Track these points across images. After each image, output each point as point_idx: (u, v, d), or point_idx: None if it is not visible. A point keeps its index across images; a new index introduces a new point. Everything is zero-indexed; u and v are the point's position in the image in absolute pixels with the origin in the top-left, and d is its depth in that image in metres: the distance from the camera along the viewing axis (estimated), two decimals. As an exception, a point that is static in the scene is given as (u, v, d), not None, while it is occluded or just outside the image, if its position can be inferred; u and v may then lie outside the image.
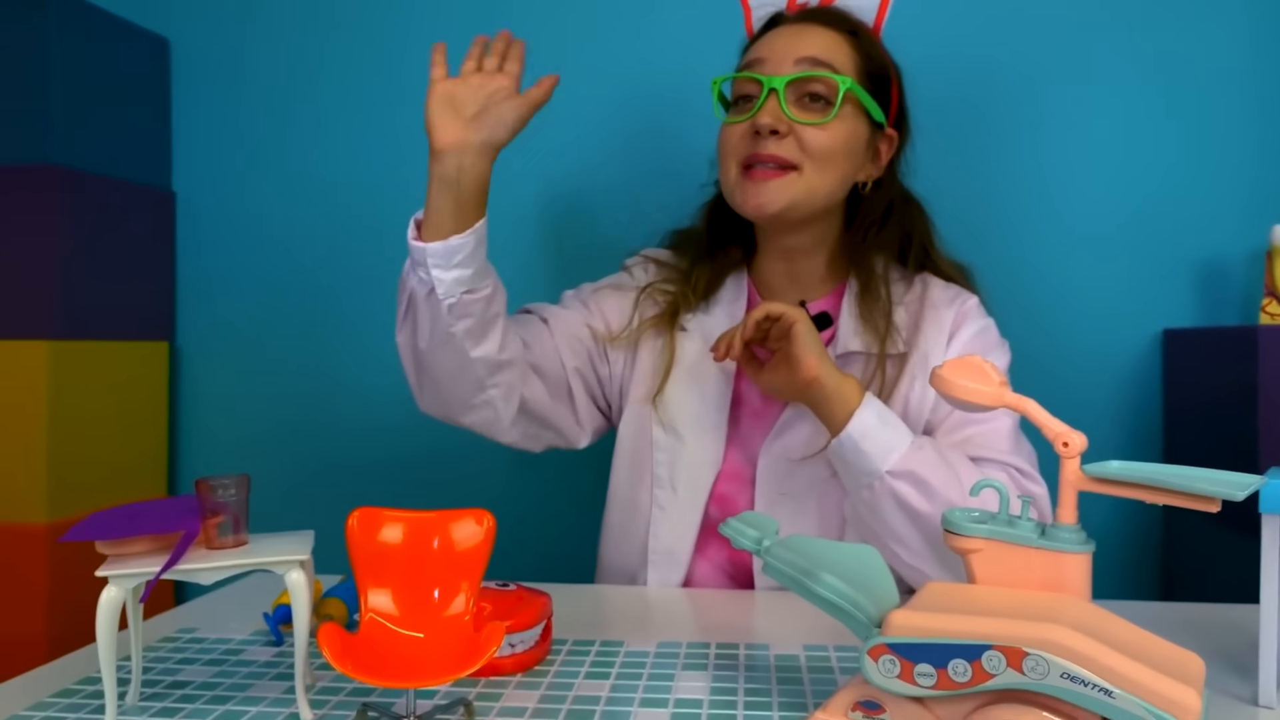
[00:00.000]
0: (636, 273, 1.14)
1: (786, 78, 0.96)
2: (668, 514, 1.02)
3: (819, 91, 0.97)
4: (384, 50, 1.78)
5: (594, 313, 1.10)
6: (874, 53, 1.03)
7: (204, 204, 1.83)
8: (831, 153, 0.98)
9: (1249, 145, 1.59)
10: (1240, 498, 0.54)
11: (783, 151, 0.96)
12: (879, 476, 0.87)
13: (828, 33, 1.00)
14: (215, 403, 1.84)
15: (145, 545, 0.61)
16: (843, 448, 0.88)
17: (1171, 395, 1.56)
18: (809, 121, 0.96)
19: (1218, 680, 0.69)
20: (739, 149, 0.99)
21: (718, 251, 1.10)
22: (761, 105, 0.96)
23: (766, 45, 1.00)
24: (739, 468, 1.02)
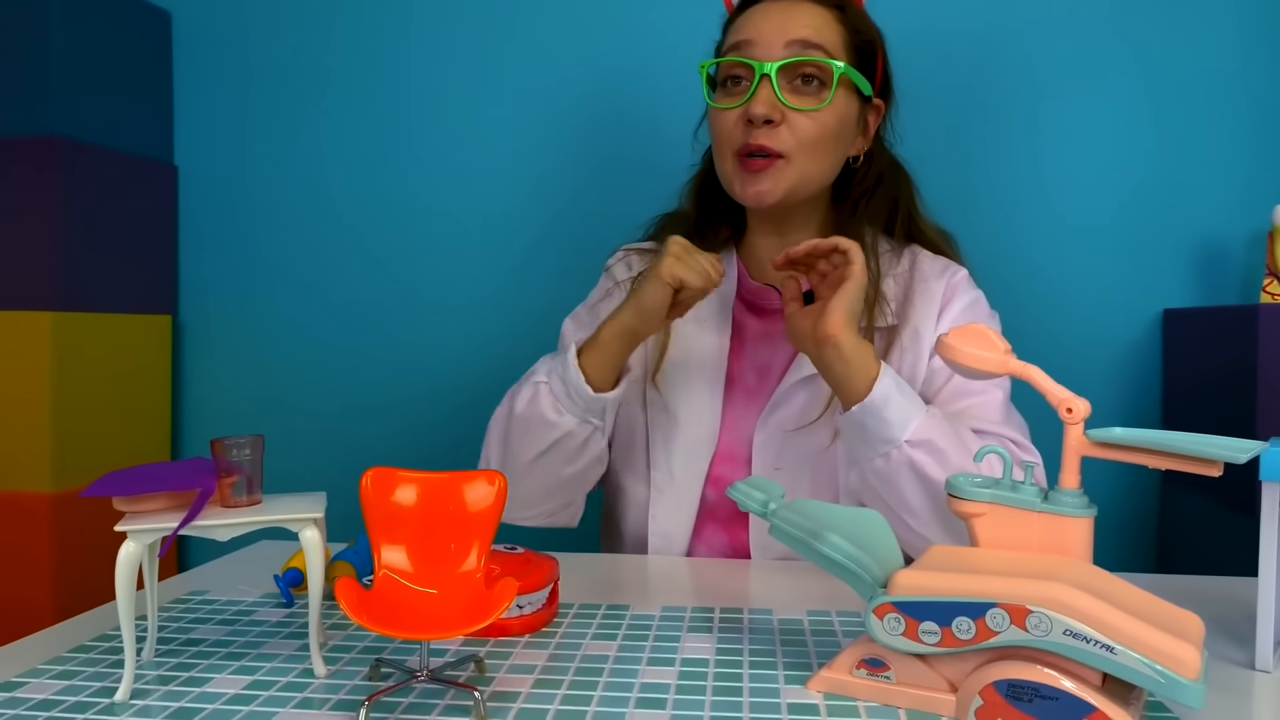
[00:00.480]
0: (618, 270, 1.12)
1: (779, 62, 0.94)
2: (665, 497, 1.03)
3: (811, 73, 0.96)
4: (387, 25, 1.78)
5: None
6: (860, 25, 1.01)
7: (206, 177, 1.84)
8: (824, 139, 0.97)
9: (1249, 126, 1.59)
10: (1242, 460, 0.55)
11: (775, 142, 0.95)
12: (897, 445, 0.86)
13: (815, 9, 0.98)
14: (218, 375, 1.84)
15: (162, 502, 0.62)
16: (864, 414, 0.86)
17: (1171, 374, 1.58)
18: (804, 109, 0.95)
19: (1215, 647, 0.71)
20: (733, 137, 0.97)
21: (706, 230, 1.09)
22: (754, 92, 0.95)
23: (753, 25, 0.98)
24: (734, 447, 1.03)
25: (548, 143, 1.74)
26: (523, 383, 0.98)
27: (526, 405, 0.95)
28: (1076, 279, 1.61)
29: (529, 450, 0.95)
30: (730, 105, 0.97)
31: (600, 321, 0.95)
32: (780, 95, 0.95)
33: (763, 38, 0.96)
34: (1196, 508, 1.46)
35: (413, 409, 1.79)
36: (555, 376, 0.94)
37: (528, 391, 0.95)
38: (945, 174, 1.59)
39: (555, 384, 0.94)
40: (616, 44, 1.69)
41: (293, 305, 1.82)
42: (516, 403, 0.96)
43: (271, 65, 1.81)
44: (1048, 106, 1.62)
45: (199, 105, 1.83)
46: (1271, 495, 0.66)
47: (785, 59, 0.95)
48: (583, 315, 1.11)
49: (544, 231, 1.73)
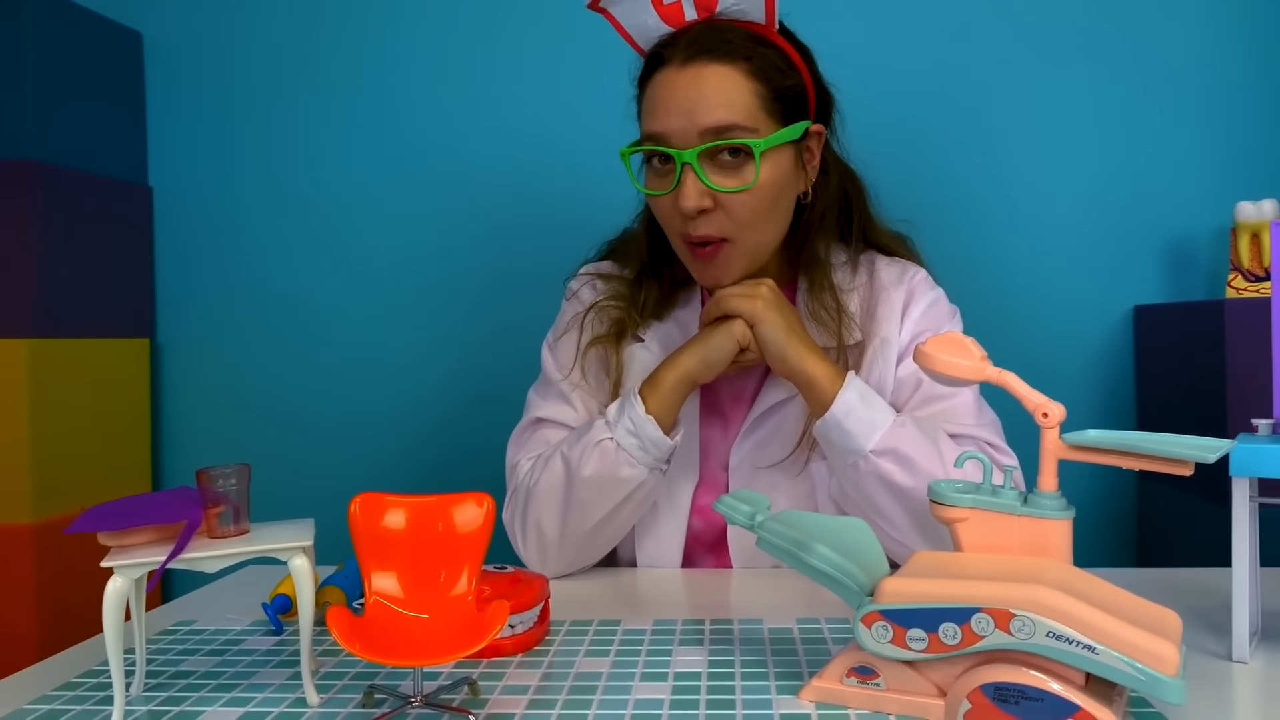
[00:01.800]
0: (584, 294, 1.09)
1: (696, 150, 0.90)
2: (650, 529, 1.02)
3: (735, 148, 0.91)
4: (363, 39, 1.78)
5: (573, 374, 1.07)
6: (776, 68, 0.93)
7: (181, 198, 1.83)
8: (762, 213, 0.94)
9: (1214, 125, 1.63)
10: (1211, 460, 0.56)
11: (715, 229, 0.93)
12: (863, 455, 0.88)
13: (723, 72, 0.91)
14: (198, 399, 1.83)
15: (148, 536, 0.62)
16: (827, 427, 0.90)
17: (1144, 368, 1.60)
18: (732, 189, 0.91)
19: (1194, 639, 0.72)
20: (675, 224, 0.95)
21: (664, 269, 1.06)
22: (679, 183, 0.91)
23: (664, 112, 0.92)
24: (715, 475, 1.03)
25: (531, 154, 1.74)
26: (575, 443, 0.95)
27: (596, 466, 0.92)
28: (1048, 279, 1.64)
29: (599, 510, 0.94)
30: (661, 192, 0.94)
31: (655, 375, 0.95)
32: (706, 179, 0.90)
33: (675, 128, 0.91)
34: (1174, 502, 1.48)
35: (400, 429, 1.78)
36: (624, 431, 0.92)
37: (593, 454, 0.92)
38: (913, 177, 1.62)
39: (625, 438, 0.92)
40: (595, 44, 1.70)
41: (274, 325, 1.81)
42: (583, 467, 0.93)
43: (244, 83, 1.80)
44: (1016, 108, 1.65)
45: (172, 125, 1.82)
46: (1242, 490, 0.67)
47: (702, 145, 0.90)
48: (558, 347, 1.08)
49: (532, 244, 1.74)
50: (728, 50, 0.92)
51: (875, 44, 1.64)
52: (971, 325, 1.03)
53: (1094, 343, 1.64)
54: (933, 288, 1.04)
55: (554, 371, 1.06)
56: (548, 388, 1.06)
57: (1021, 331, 1.62)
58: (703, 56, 0.91)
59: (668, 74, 0.93)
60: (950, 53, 1.65)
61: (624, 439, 0.92)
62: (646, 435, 0.91)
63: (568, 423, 1.03)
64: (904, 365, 0.99)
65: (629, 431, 0.92)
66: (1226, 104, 1.62)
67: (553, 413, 1.04)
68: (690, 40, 0.92)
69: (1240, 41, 1.61)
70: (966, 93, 1.65)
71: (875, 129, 1.18)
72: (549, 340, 1.10)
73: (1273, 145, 1.61)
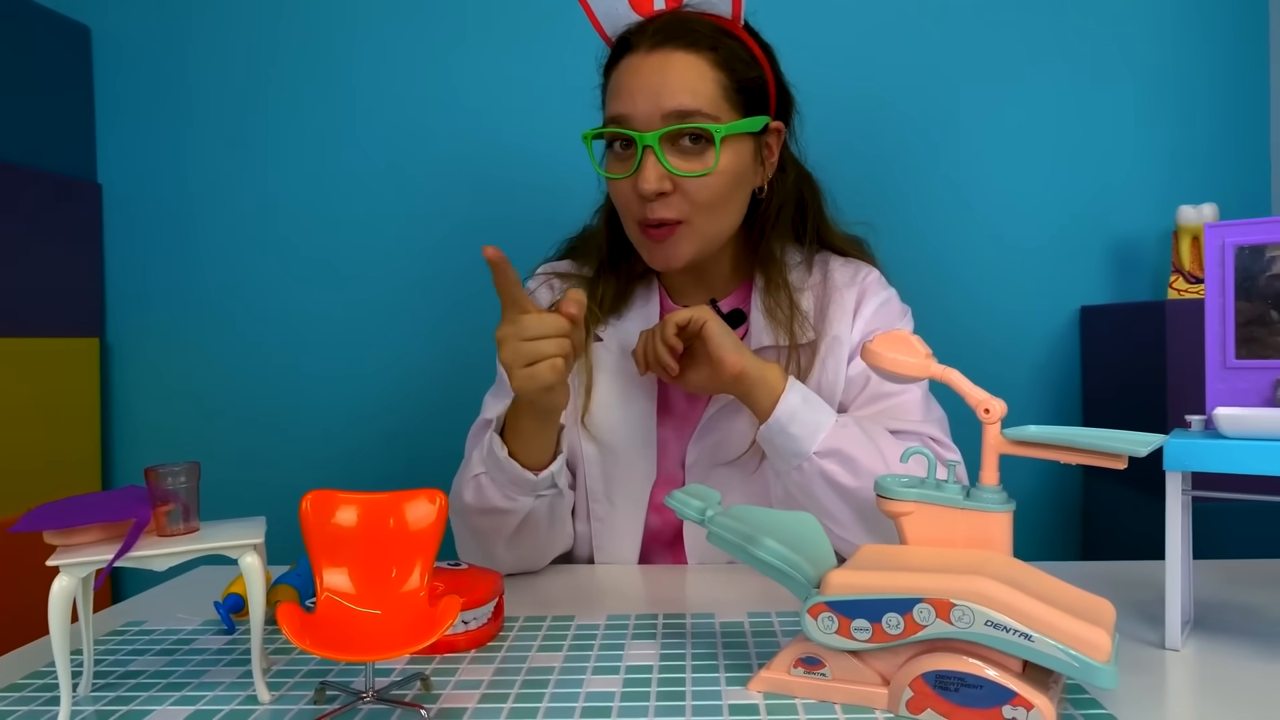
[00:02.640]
0: (541, 295, 1.09)
1: (659, 132, 0.92)
2: (608, 526, 1.03)
3: (696, 134, 0.93)
4: (321, 37, 1.76)
5: None
6: (740, 60, 0.96)
7: (131, 195, 1.80)
8: (720, 197, 0.95)
9: (1158, 132, 1.67)
10: (1143, 453, 0.58)
11: (672, 211, 0.94)
12: (807, 457, 0.90)
13: (688, 60, 0.93)
14: (149, 399, 1.81)
15: (95, 534, 0.62)
16: (770, 432, 0.91)
17: (1090, 367, 1.64)
18: (692, 174, 0.93)
19: (1131, 629, 0.75)
20: (632, 208, 0.96)
21: (621, 261, 1.07)
22: (639, 166, 0.92)
23: (628, 95, 0.93)
24: (672, 472, 1.04)
25: (496, 152, 1.74)
26: (463, 472, 0.95)
27: (476, 498, 0.92)
28: (999, 281, 1.68)
29: (500, 535, 0.94)
30: (620, 175, 0.95)
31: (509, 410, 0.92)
32: (666, 163, 0.92)
33: (639, 110, 0.92)
34: (1116, 498, 1.52)
35: (353, 430, 1.77)
36: (492, 467, 0.90)
37: (470, 486, 0.93)
38: (864, 179, 1.65)
39: (495, 474, 0.90)
40: (560, 41, 1.70)
41: (226, 325, 1.79)
42: (465, 496, 0.93)
43: (194, 78, 1.78)
44: (968, 115, 1.68)
45: (122, 121, 1.79)
46: (1175, 484, 0.70)
47: (664, 129, 0.92)
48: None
49: (494, 242, 1.73)
50: (694, 39, 0.94)
51: (831, 47, 1.67)
52: (923, 325, 1.05)
53: (1042, 342, 1.68)
54: (885, 288, 1.06)
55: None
56: (502, 388, 1.06)
57: (972, 332, 1.66)
58: (669, 44, 0.94)
59: (634, 59, 0.95)
60: (905, 60, 1.68)
61: (495, 474, 0.90)
62: (510, 473, 0.89)
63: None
64: (855, 363, 1.01)
65: (497, 468, 0.90)
66: (1170, 111, 1.67)
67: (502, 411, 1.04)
68: (658, 28, 0.95)
69: (1186, 50, 1.66)
70: (920, 99, 1.68)
71: (832, 131, 1.20)
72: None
73: (1214, 151, 1.66)
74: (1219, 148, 1.66)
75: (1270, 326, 0.72)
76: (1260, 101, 1.66)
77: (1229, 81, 1.66)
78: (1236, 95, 1.66)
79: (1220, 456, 0.67)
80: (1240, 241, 0.72)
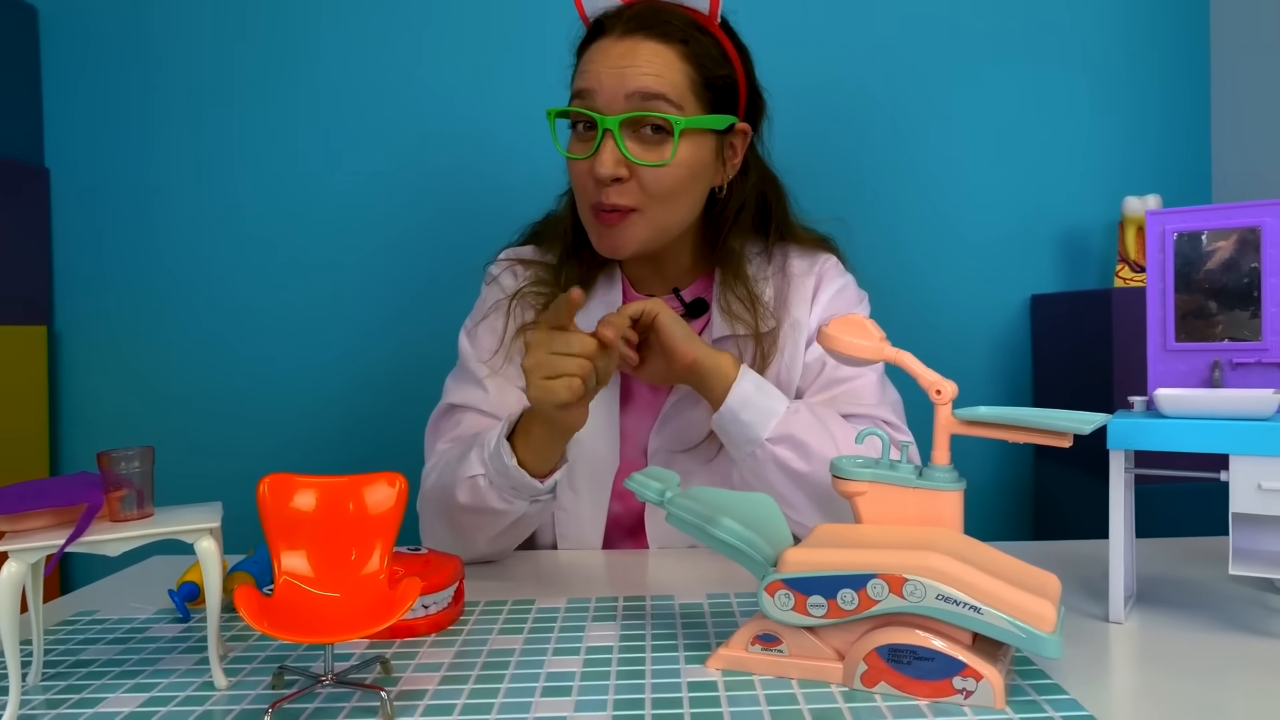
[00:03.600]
0: (505, 280, 1.09)
1: (620, 117, 0.92)
2: (571, 515, 1.04)
3: (656, 124, 0.93)
4: (281, 20, 1.73)
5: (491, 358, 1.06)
6: (711, 56, 0.96)
7: (80, 180, 1.76)
8: (675, 189, 0.95)
9: (1105, 126, 1.71)
10: (1087, 431, 0.60)
11: (624, 199, 0.94)
12: (759, 444, 0.91)
13: (658, 49, 0.93)
14: (99, 387, 1.77)
15: (46, 520, 0.61)
16: (724, 419, 0.92)
17: (1040, 354, 1.68)
18: (649, 163, 0.93)
19: (1077, 603, 0.77)
20: (586, 190, 0.96)
21: (585, 249, 1.06)
22: (598, 149, 0.93)
23: (595, 72, 0.94)
24: (635, 459, 1.05)
25: (455, 141, 1.73)
26: (455, 470, 0.92)
27: (471, 498, 0.90)
28: (952, 271, 1.71)
29: (485, 534, 0.93)
30: (579, 157, 0.95)
31: (476, 337, 0.91)
32: (624, 149, 0.92)
33: (604, 87, 0.93)
34: (1066, 479, 1.56)
35: (310, 417, 1.75)
36: (495, 471, 0.89)
37: (466, 486, 0.90)
38: (821, 173, 1.66)
39: (497, 479, 0.89)
40: (522, 33, 1.70)
41: (179, 310, 1.76)
42: (458, 495, 0.91)
43: (144, 60, 1.74)
44: (922, 110, 1.70)
45: (70, 105, 1.75)
46: (1118, 461, 0.72)
47: (625, 113, 0.92)
48: (477, 332, 1.07)
49: (448, 233, 1.72)
50: (666, 30, 0.95)
51: (788, 39, 1.68)
52: (879, 314, 1.06)
53: (995, 330, 1.71)
54: (842, 274, 1.08)
55: (471, 357, 1.06)
56: (464, 373, 1.06)
57: (927, 320, 1.69)
58: (640, 31, 0.94)
59: (605, 43, 0.95)
60: (861, 56, 1.70)
61: (496, 479, 0.89)
62: (515, 479, 0.88)
63: (481, 407, 1.03)
64: (812, 349, 1.02)
65: (499, 472, 0.88)
66: (1118, 107, 1.71)
67: (467, 398, 1.04)
68: (632, 15, 0.95)
69: (1133, 48, 1.70)
70: (877, 95, 1.70)
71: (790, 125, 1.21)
72: (467, 326, 1.09)
73: (1158, 144, 1.71)
74: (1164, 142, 1.71)
75: (1207, 311, 0.74)
76: (1202, 97, 1.71)
77: (1173, 78, 1.71)
78: (1181, 91, 1.71)
79: (1160, 435, 0.69)
80: (1180, 228, 0.75)
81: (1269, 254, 0.72)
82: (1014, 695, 0.58)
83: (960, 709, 0.56)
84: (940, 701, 0.57)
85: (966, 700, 0.56)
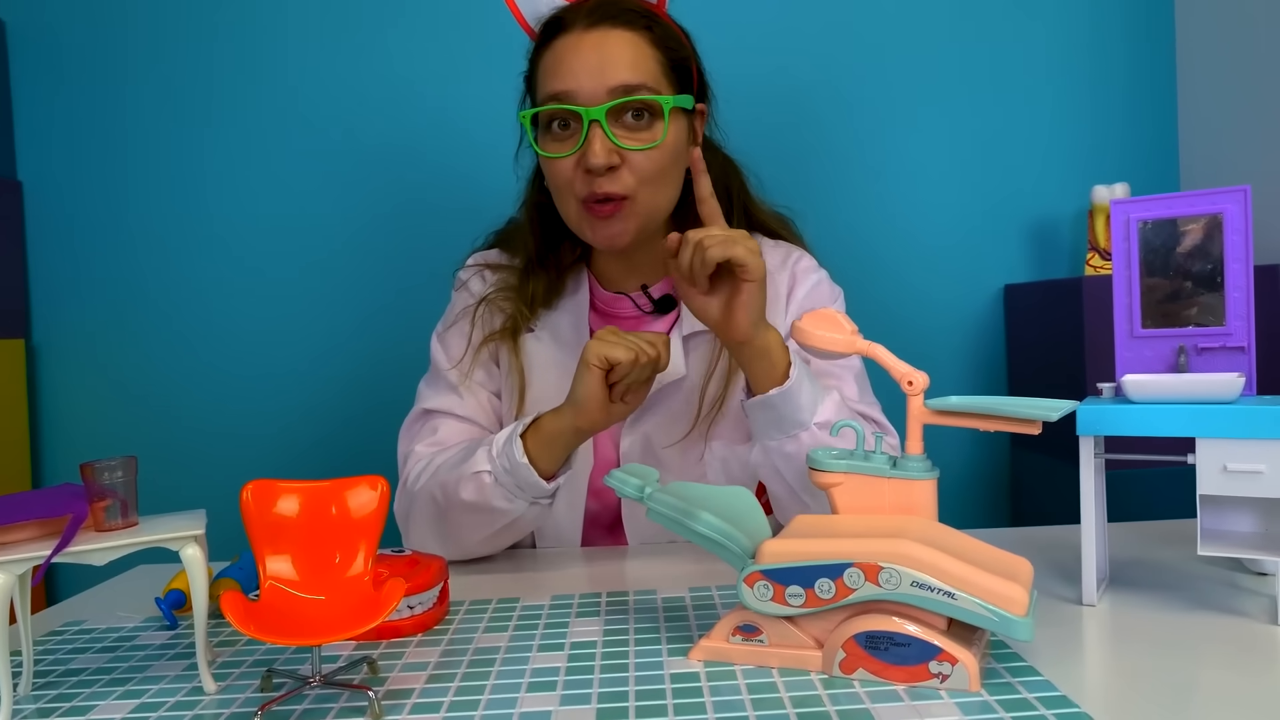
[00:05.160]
0: (474, 285, 1.09)
1: (605, 105, 0.92)
2: (548, 515, 1.02)
3: (641, 108, 0.94)
4: (243, 28, 1.73)
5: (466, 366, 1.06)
6: (670, 39, 0.98)
7: (54, 193, 1.75)
8: (664, 171, 0.96)
9: (1071, 116, 1.74)
10: (1055, 418, 0.61)
11: (619, 186, 0.94)
12: (806, 427, 0.90)
13: (628, 36, 0.94)
14: (79, 399, 1.77)
15: (31, 532, 0.61)
16: (781, 399, 0.88)
17: (1014, 342, 1.70)
18: (640, 147, 0.93)
19: (1052, 588, 0.78)
20: (574, 185, 0.95)
21: (550, 255, 1.06)
22: (585, 139, 0.92)
23: (569, 72, 0.93)
24: (609, 456, 1.05)
25: (423, 145, 1.73)
26: (457, 467, 0.93)
27: (475, 495, 0.91)
28: (924, 263, 1.73)
29: (480, 533, 0.94)
30: (563, 154, 0.94)
31: (543, 414, 0.90)
32: (613, 138, 0.92)
33: (582, 86, 0.92)
34: (1041, 467, 1.58)
35: (289, 426, 1.75)
36: (502, 469, 0.89)
37: (471, 483, 0.91)
38: (788, 166, 1.68)
39: (504, 476, 0.89)
40: (486, 27, 1.70)
41: (156, 321, 1.75)
42: (461, 492, 0.91)
43: (117, 71, 1.73)
44: (890, 101, 1.72)
45: (40, 118, 1.74)
46: (1087, 447, 0.74)
47: (611, 102, 0.92)
48: (448, 337, 1.08)
49: (421, 237, 1.73)
50: (629, 18, 0.95)
51: (752, 32, 1.69)
52: (852, 309, 1.08)
53: (968, 320, 1.74)
54: (815, 270, 1.08)
55: (443, 362, 1.06)
56: (437, 378, 1.06)
57: (900, 314, 1.71)
58: (607, 22, 0.95)
59: (571, 38, 0.95)
60: (826, 46, 1.71)
61: (503, 477, 0.90)
62: (523, 479, 0.89)
63: (456, 412, 1.03)
64: (789, 347, 1.02)
65: (507, 470, 0.89)
66: (1085, 96, 1.73)
67: (442, 403, 1.04)
68: (592, 8, 0.96)
69: (1100, 38, 1.73)
70: (842, 86, 1.72)
71: (754, 118, 1.23)
72: (438, 331, 1.10)
73: (1126, 133, 1.73)
74: (1131, 129, 1.73)
75: (1173, 297, 0.76)
76: (1169, 87, 1.74)
77: (1140, 68, 1.73)
78: (1147, 81, 1.73)
79: (1128, 420, 0.71)
80: (1143, 216, 0.76)
81: (1231, 240, 0.74)
82: (989, 678, 0.59)
83: (937, 693, 0.58)
84: (917, 686, 0.58)
85: (943, 684, 0.58)
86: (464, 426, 1.04)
